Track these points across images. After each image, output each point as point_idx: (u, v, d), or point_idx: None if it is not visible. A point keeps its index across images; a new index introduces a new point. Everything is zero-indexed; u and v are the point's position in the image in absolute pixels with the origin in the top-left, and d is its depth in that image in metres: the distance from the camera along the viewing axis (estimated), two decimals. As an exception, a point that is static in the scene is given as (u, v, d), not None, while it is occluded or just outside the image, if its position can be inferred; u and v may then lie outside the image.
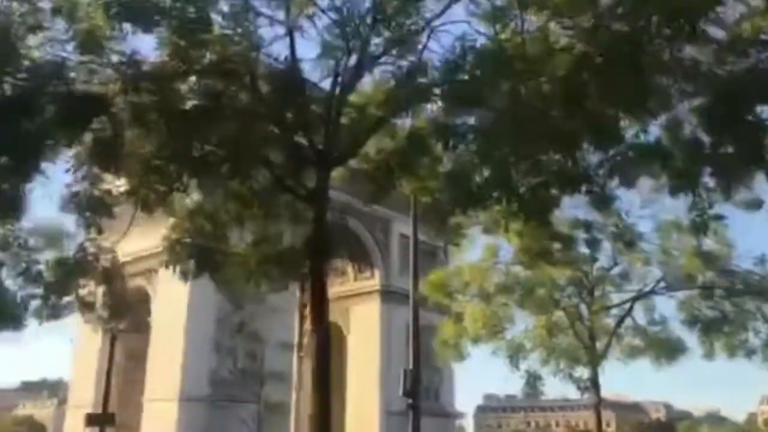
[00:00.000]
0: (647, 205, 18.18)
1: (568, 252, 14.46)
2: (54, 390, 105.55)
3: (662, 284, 20.98)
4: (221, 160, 9.51)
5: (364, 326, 72.86)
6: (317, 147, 10.54)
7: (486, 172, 9.42)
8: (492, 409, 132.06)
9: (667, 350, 20.35)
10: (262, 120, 10.11)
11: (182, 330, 66.02)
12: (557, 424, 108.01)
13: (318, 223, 10.21)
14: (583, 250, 20.15)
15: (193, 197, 10.60)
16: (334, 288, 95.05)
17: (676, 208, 16.14)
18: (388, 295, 68.60)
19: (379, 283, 71.17)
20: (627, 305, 21.09)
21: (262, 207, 11.31)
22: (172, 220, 10.87)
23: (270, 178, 10.92)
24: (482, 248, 19.78)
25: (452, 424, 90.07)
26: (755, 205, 17.69)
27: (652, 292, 21.06)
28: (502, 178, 9.25)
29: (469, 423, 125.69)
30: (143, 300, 73.13)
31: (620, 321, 20.76)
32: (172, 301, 64.75)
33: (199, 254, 10.51)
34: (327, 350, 9.98)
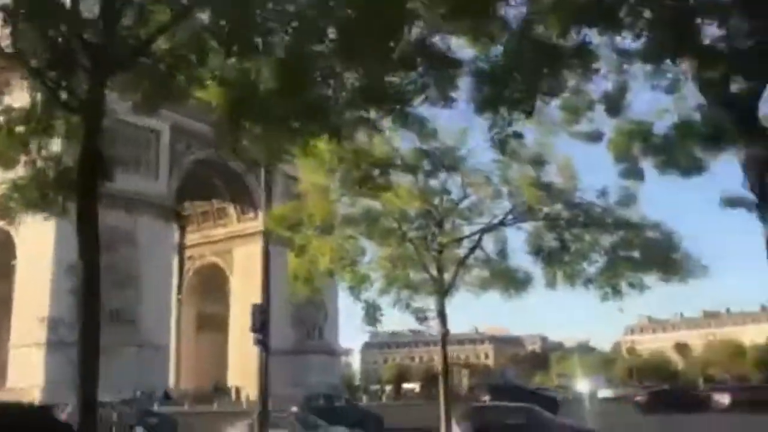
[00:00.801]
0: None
1: (388, 177, 13.99)
2: None
3: (511, 216, 21.10)
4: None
5: (247, 267, 71.98)
6: (91, 51, 9.29)
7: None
8: (378, 345, 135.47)
9: (513, 281, 20.62)
10: (22, 21, 8.74)
11: (48, 273, 62.69)
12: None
13: (89, 137, 9.08)
14: (433, 182, 19.97)
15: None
16: (217, 230, 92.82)
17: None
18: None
19: (262, 224, 70.17)
20: (476, 237, 21.12)
21: (39, 123, 10.02)
22: None
23: (43, 89, 9.63)
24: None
25: (338, 361, 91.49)
26: (596, 137, 17.89)
27: (501, 223, 21.15)
28: (289, 90, 8.43)
29: (356, 359, 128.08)
30: (6, 243, 68.39)
31: (469, 252, 20.80)
32: (37, 243, 61.05)
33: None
34: (95, 265, 9.17)
